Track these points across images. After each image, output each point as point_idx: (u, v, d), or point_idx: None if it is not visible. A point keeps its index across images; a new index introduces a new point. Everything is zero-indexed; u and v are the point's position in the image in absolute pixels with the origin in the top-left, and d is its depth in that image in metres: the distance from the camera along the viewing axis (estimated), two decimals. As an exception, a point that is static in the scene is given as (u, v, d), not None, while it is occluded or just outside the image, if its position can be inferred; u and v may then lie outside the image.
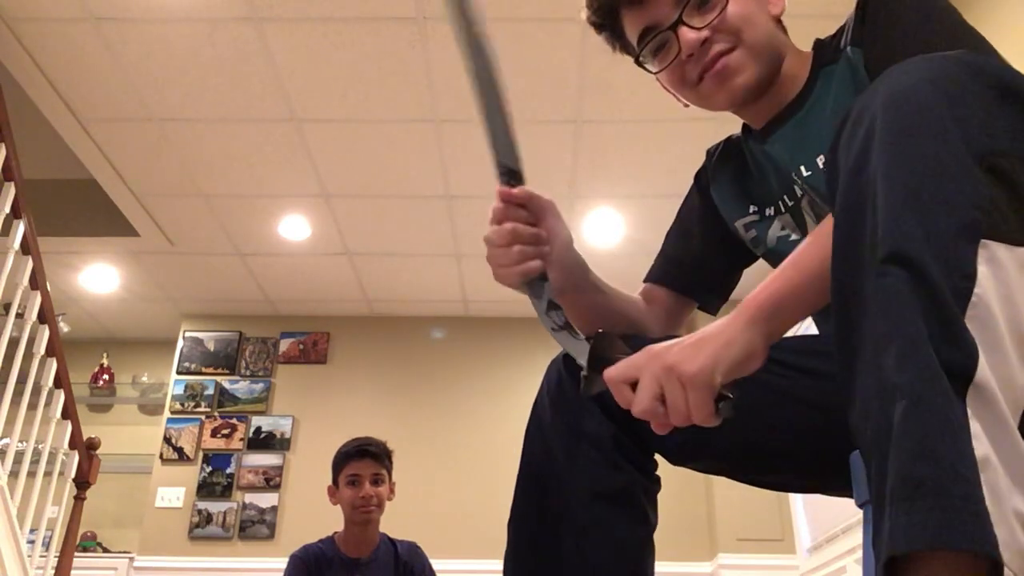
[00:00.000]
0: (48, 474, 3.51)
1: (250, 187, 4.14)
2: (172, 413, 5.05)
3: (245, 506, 4.80)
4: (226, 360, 5.19)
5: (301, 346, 5.24)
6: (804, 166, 1.04)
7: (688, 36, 1.01)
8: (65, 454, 3.66)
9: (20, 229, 3.29)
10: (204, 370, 5.16)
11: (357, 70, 3.41)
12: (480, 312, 5.25)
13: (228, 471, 4.87)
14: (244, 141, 3.82)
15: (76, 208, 4.44)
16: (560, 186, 4.05)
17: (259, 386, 5.11)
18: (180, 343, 5.25)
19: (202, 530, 4.74)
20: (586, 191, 4.11)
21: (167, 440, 4.96)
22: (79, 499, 3.74)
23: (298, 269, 4.83)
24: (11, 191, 3.22)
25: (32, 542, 3.39)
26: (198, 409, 5.05)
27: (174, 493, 4.83)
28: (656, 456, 1.04)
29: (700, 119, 3.33)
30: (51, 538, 3.64)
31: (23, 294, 3.35)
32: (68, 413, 3.64)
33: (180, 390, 5.11)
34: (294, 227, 4.43)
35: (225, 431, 4.98)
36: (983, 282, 0.59)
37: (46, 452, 3.49)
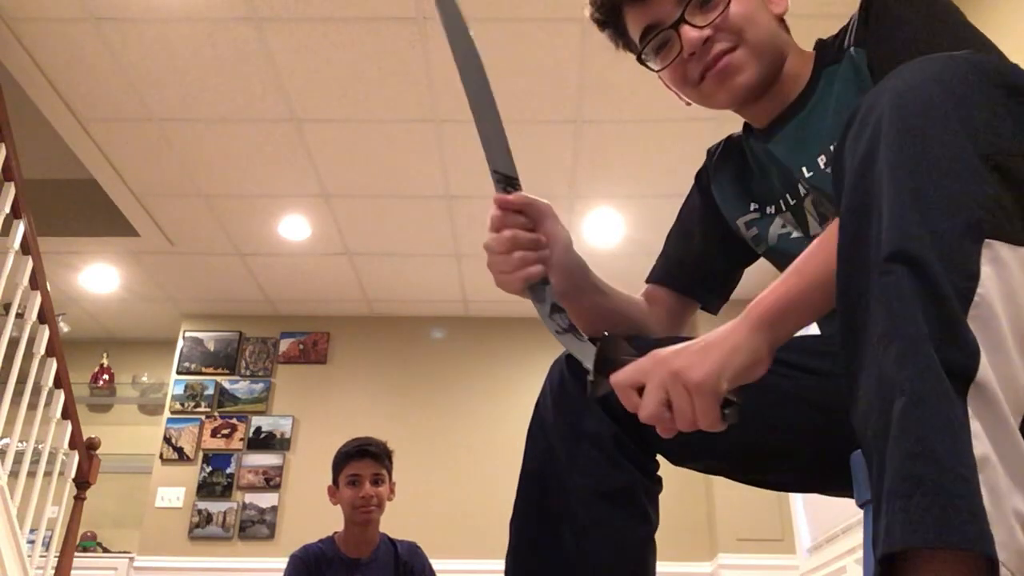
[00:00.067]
0: (48, 474, 3.50)
1: (250, 187, 4.14)
2: (172, 413, 5.05)
3: (245, 506, 4.80)
4: (226, 360, 5.19)
5: (301, 346, 5.24)
6: (806, 167, 1.05)
7: (690, 35, 1.01)
8: (65, 454, 3.66)
9: (20, 229, 3.29)
10: (204, 370, 5.16)
11: (357, 70, 3.41)
12: (480, 312, 5.25)
13: (228, 471, 4.87)
14: (244, 141, 3.82)
15: (76, 208, 4.44)
16: (560, 186, 4.04)
17: (259, 386, 5.11)
18: (180, 343, 5.25)
19: (202, 530, 4.74)
20: (586, 191, 4.11)
21: (167, 440, 4.96)
22: (79, 499, 3.73)
23: (298, 269, 4.83)
24: (11, 191, 3.22)
25: (32, 542, 3.39)
26: (198, 409, 5.05)
27: (174, 493, 4.83)
28: (657, 456, 1.04)
29: (700, 119, 3.34)
30: (51, 538, 3.64)
31: (23, 294, 3.34)
32: (68, 413, 3.64)
33: (180, 390, 5.11)
34: (294, 227, 4.43)
35: (225, 431, 4.98)
36: (986, 282, 0.59)
37: (46, 452, 3.49)
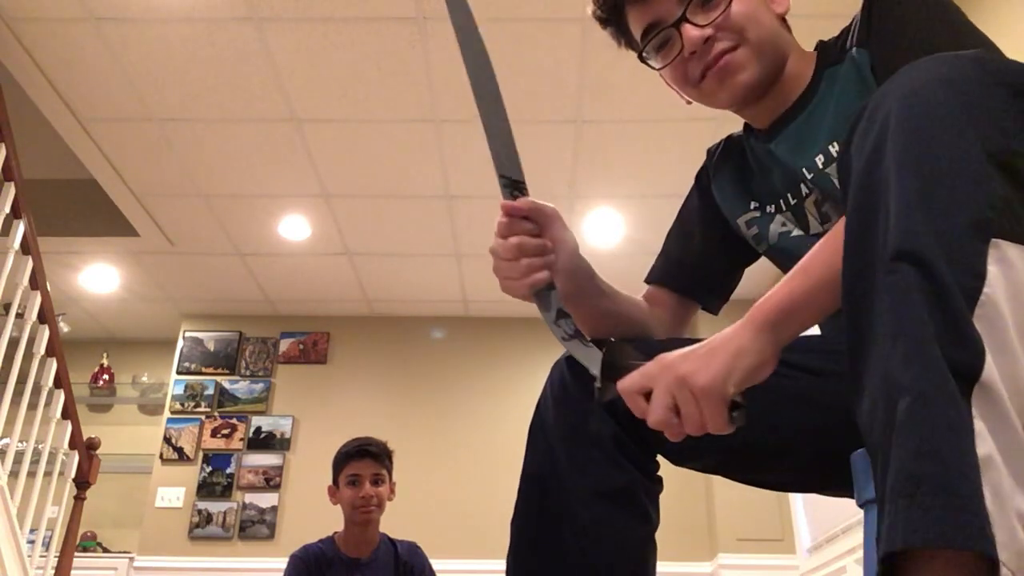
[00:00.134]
0: (48, 474, 3.50)
1: (250, 187, 4.14)
2: (172, 413, 5.05)
3: (245, 506, 4.80)
4: (226, 360, 5.19)
5: (301, 346, 5.24)
6: (807, 167, 1.05)
7: (691, 33, 1.01)
8: (65, 454, 3.65)
9: (20, 229, 3.29)
10: (204, 370, 5.16)
11: (357, 70, 3.40)
12: (480, 312, 5.25)
13: (228, 471, 4.87)
14: (244, 141, 3.82)
15: (76, 208, 4.44)
16: (560, 186, 4.05)
17: (259, 386, 5.11)
18: (180, 343, 5.25)
19: (202, 530, 4.74)
20: (586, 191, 4.11)
21: (167, 440, 4.96)
22: (79, 499, 3.73)
23: (298, 269, 4.83)
24: (11, 191, 3.22)
25: (32, 542, 3.39)
26: (198, 409, 5.05)
27: (174, 493, 4.83)
28: (657, 456, 1.04)
29: (700, 119, 3.34)
30: (51, 538, 3.64)
31: (23, 294, 3.34)
32: (68, 413, 3.64)
33: (180, 390, 5.11)
34: (294, 227, 4.43)
35: (225, 431, 4.98)
36: (993, 282, 0.59)
37: (46, 452, 3.49)
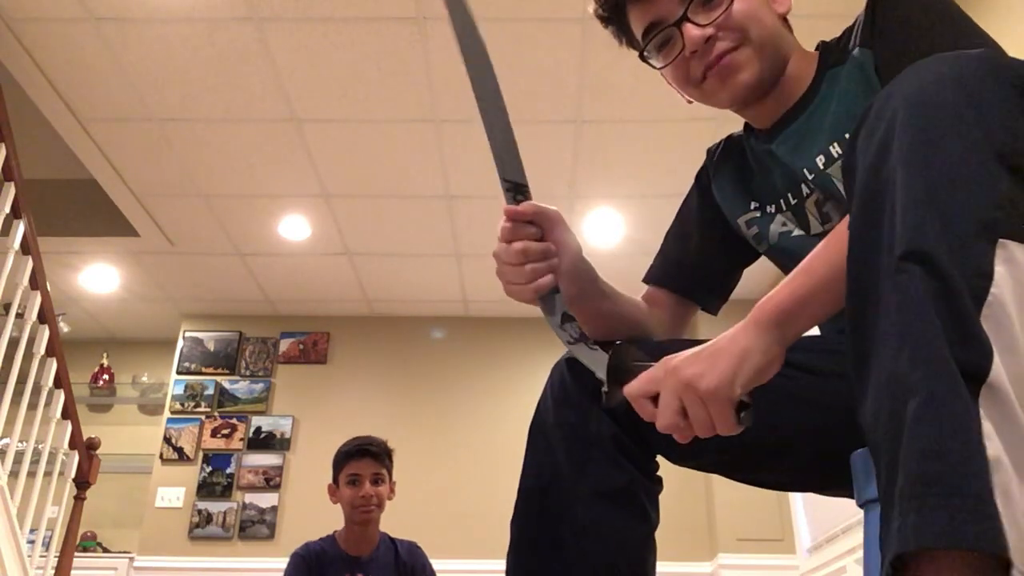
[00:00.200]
0: (48, 474, 3.50)
1: (250, 187, 4.14)
2: (172, 413, 5.05)
3: (245, 506, 4.80)
4: (226, 360, 5.19)
5: (301, 346, 5.24)
6: (808, 168, 1.05)
7: (692, 33, 1.01)
8: (65, 454, 3.65)
9: (20, 229, 3.29)
10: (204, 370, 5.16)
11: (357, 70, 3.40)
12: (480, 312, 5.25)
13: (228, 471, 4.87)
14: (244, 141, 3.82)
15: (76, 208, 4.44)
16: (560, 186, 4.05)
17: (259, 386, 5.11)
18: (180, 343, 5.25)
19: (202, 530, 4.74)
20: (586, 191, 4.11)
21: (167, 440, 4.96)
22: (79, 499, 3.73)
23: (298, 269, 4.83)
24: (11, 191, 3.22)
25: (32, 542, 3.39)
26: (198, 409, 5.05)
27: (174, 493, 4.83)
28: (657, 456, 1.04)
29: (701, 119, 3.34)
30: (51, 538, 3.64)
31: (23, 294, 3.34)
32: (68, 413, 3.63)
33: (180, 390, 5.11)
34: (294, 227, 4.43)
35: (225, 431, 4.98)
36: (1000, 282, 0.58)
37: (46, 452, 3.49)
